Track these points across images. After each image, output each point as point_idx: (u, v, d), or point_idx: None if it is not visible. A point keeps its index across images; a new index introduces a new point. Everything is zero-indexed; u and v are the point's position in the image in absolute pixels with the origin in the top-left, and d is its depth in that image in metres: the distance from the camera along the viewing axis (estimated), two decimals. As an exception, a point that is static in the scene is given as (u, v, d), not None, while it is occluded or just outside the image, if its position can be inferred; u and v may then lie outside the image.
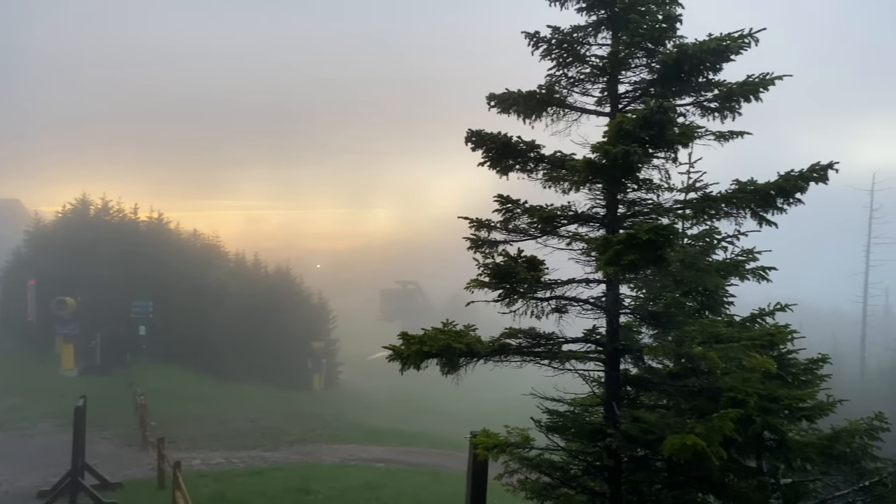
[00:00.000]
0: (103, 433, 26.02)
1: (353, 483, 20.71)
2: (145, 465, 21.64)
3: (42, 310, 40.69)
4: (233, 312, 45.54)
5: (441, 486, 21.20)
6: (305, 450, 26.86)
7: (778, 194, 6.93)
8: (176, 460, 16.04)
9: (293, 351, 48.45)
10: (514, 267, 6.80)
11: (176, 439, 26.05)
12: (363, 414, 40.01)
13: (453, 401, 49.80)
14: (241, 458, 24.19)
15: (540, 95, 7.63)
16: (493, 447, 7.38)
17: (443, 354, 6.91)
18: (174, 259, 46.85)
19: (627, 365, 7.93)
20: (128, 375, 36.93)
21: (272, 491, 19.12)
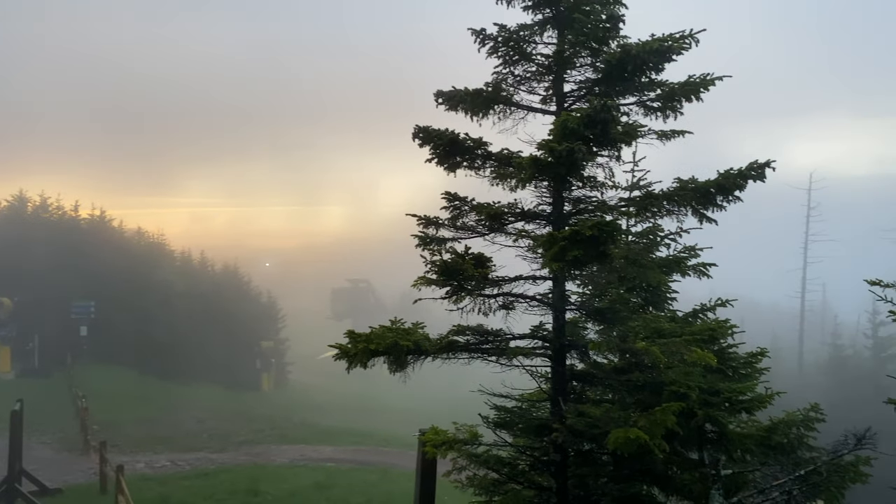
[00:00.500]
0: (42, 438, 25.24)
1: (302, 483, 20.52)
2: (87, 469, 21.05)
3: (-25, 311, 39.16)
4: (179, 312, 44.60)
5: (391, 484, 21.17)
6: (254, 451, 26.50)
7: (718, 192, 7.11)
8: (119, 464, 15.70)
9: (241, 351, 47.75)
10: (461, 264, 6.81)
11: (119, 443, 25.44)
12: (313, 414, 39.67)
13: (404, 399, 49.78)
14: (187, 461, 23.73)
15: (487, 93, 7.67)
16: (441, 444, 7.40)
17: (390, 352, 6.89)
18: (117, 258, 45.62)
19: (573, 360, 8.03)
20: (68, 378, 35.83)
21: (219, 493, 18.81)
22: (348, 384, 56.21)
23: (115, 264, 44.60)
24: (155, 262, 49.03)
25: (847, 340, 52.65)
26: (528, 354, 7.58)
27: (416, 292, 7.50)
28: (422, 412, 43.97)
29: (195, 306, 45.76)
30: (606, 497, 7.98)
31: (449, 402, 45.06)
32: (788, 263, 58.70)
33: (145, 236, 52.89)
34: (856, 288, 10.60)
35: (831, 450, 8.63)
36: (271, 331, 53.96)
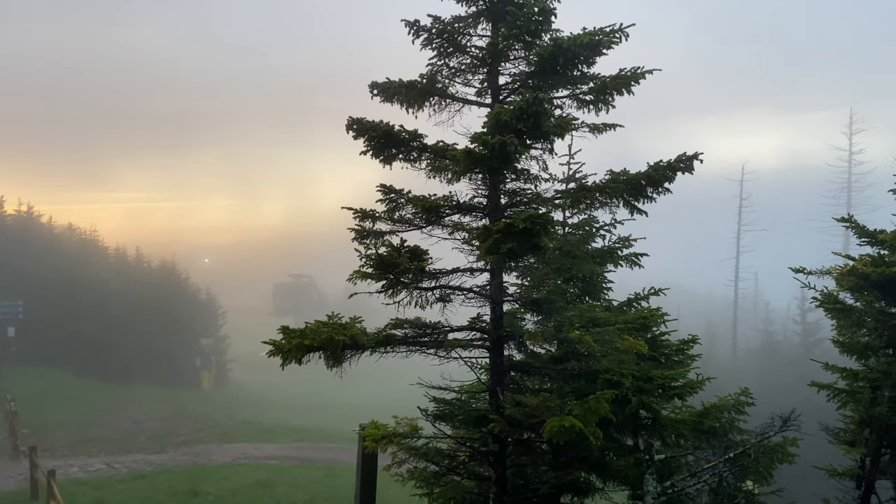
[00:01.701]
0: (-33, 444, 24.22)
1: (244, 482, 20.21)
2: (17, 475, 20.30)
3: None
4: (115, 310, 43.30)
5: (336, 479, 21.06)
6: (194, 451, 25.97)
7: (648, 183, 7.26)
8: (50, 469, 15.19)
9: (180, 349, 46.65)
10: (396, 258, 6.77)
11: (51, 446, 24.62)
12: (255, 412, 39.10)
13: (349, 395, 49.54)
14: (123, 463, 23.10)
15: (422, 85, 7.64)
16: (381, 438, 7.37)
17: (325, 348, 6.81)
18: (46, 255, 43.90)
19: (511, 351, 8.11)
20: (-5, 381, 34.43)
21: (158, 495, 18.39)
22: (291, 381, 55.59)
23: (45, 262, 42.92)
24: (87, 259, 47.36)
25: (778, 327, 54.62)
26: (467, 346, 7.62)
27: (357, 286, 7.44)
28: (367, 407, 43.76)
29: (131, 304, 44.46)
30: (545, 485, 8.10)
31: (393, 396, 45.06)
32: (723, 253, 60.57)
33: (77, 232, 51.01)
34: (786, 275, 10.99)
35: (759, 432, 8.96)
36: (211, 328, 52.86)
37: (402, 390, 42.88)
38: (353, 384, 41.50)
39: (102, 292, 43.74)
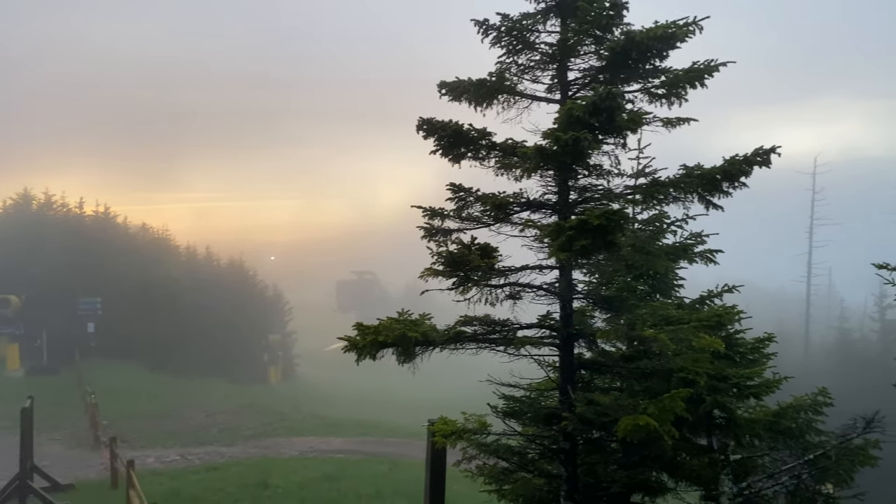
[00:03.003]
0: (53, 434, 25.39)
1: (311, 475, 20.59)
2: (98, 465, 21.20)
3: (-16, 310, 39.38)
4: (186, 307, 44.83)
5: (400, 473, 21.27)
6: (263, 444, 26.63)
7: (723, 178, 7.09)
8: (129, 459, 15.75)
9: (249, 344, 48.00)
10: (467, 255, 6.81)
11: (129, 438, 25.59)
12: (321, 406, 39.84)
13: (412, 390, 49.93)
14: (196, 455, 23.86)
15: (490, 83, 7.64)
16: (450, 434, 7.43)
17: (398, 344, 6.91)
18: (123, 254, 45.82)
19: (581, 349, 8.05)
20: (77, 374, 36.01)
21: (229, 487, 18.89)
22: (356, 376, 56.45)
23: (121, 260, 44.80)
24: (160, 258, 49.22)
25: (854, 324, 52.53)
26: (536, 344, 7.60)
27: (421, 283, 7.53)
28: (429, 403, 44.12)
29: (202, 301, 45.94)
30: (616, 484, 8.02)
31: (456, 392, 45.23)
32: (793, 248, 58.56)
33: (150, 232, 53.06)
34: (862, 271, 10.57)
35: (840, 433, 8.64)
36: (278, 324, 54.17)
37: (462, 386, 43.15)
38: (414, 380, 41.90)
39: (174, 290, 45.34)
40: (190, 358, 42.71)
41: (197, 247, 54.70)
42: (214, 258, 54.01)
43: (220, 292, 48.29)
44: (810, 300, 56.59)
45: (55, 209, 47.20)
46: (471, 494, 11.91)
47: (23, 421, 16.48)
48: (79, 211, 48.13)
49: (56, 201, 47.41)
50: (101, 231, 47.56)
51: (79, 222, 47.21)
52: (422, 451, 24.29)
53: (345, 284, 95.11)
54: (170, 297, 44.49)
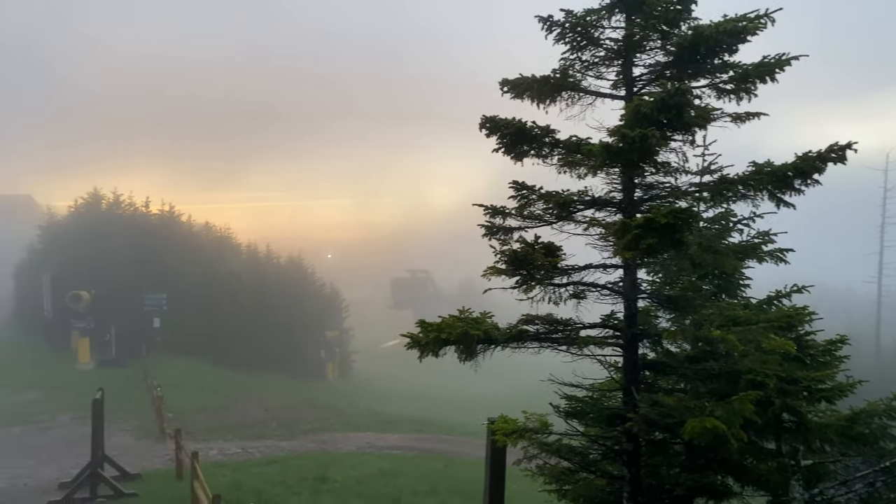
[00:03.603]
0: (121, 425, 26.26)
1: (368, 471, 20.81)
2: (163, 456, 21.84)
3: (57, 304, 41.07)
4: (247, 303, 45.81)
5: (455, 471, 21.31)
6: (321, 438, 27.03)
7: (795, 175, 6.88)
8: (193, 451, 16.14)
9: (307, 340, 48.74)
10: (531, 253, 6.78)
11: (192, 430, 26.26)
12: (377, 402, 40.22)
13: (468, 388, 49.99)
14: (257, 448, 24.36)
15: (554, 80, 7.58)
16: (511, 433, 7.42)
17: (461, 341, 6.92)
18: (187, 251, 47.11)
19: (645, 349, 7.93)
20: (143, 368, 37.23)
21: (289, 480, 19.21)
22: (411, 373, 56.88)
23: (185, 257, 46.07)
24: (223, 255, 50.41)
25: (929, 327, 50.32)
26: (599, 343, 7.52)
27: (476, 282, 7.55)
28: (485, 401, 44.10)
29: (262, 297, 46.89)
30: (680, 487, 7.88)
31: (512, 390, 45.15)
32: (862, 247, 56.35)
33: (213, 230, 54.36)
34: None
35: (919, 441, 8.31)
36: (335, 320, 54.85)
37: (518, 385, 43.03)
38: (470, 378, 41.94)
39: (236, 286, 46.40)
40: (250, 353, 43.66)
41: (257, 245, 55.84)
42: (274, 256, 55.02)
43: (280, 289, 49.18)
44: (882, 301, 54.37)
45: (123, 208, 48.81)
46: (529, 494, 11.87)
47: (94, 412, 17.07)
48: (145, 210, 49.65)
49: (124, 200, 49.05)
50: (167, 229, 48.95)
51: (145, 221, 48.73)
52: (478, 449, 24.33)
53: (399, 282, 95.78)
54: (231, 293, 45.56)
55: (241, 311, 45.09)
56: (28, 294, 45.95)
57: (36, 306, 43.46)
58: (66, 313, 40.47)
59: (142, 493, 17.14)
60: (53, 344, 41.80)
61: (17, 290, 49.51)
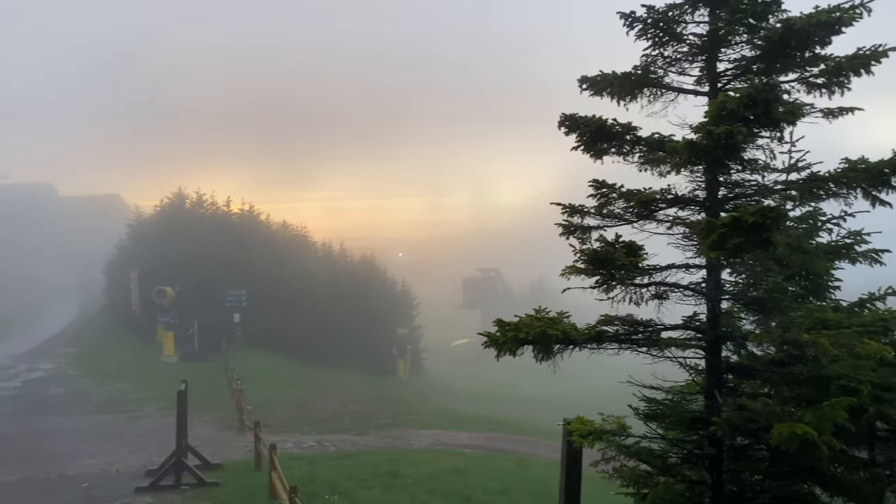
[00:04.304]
0: (203, 416, 27.20)
1: (440, 468, 20.91)
2: (242, 447, 22.50)
3: (144, 299, 42.98)
4: (321, 300, 46.84)
5: (527, 471, 21.22)
6: (393, 434, 27.33)
7: (892, 172, 6.56)
8: (271, 443, 16.58)
9: (379, 337, 49.42)
10: (612, 253, 6.69)
11: (270, 423, 26.94)
12: (447, 400, 40.43)
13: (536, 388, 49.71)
14: (331, 442, 24.83)
15: (636, 76, 7.46)
16: (587, 434, 7.33)
17: (538, 341, 6.89)
18: (265, 250, 48.52)
19: (728, 352, 7.71)
20: (224, 361, 38.50)
21: (362, 474, 19.50)
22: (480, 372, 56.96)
23: (264, 256, 47.48)
24: (299, 253, 51.69)
25: None
26: (681, 346, 7.35)
27: (546, 281, 7.52)
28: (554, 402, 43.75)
29: (336, 295, 47.86)
30: (764, 494, 7.62)
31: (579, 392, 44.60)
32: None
33: (290, 229, 55.82)
34: None
35: None
36: (406, 318, 55.44)
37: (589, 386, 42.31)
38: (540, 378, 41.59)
39: (311, 284, 47.52)
40: (325, 349, 44.63)
41: (332, 243, 57.06)
42: (348, 254, 56.10)
43: (353, 287, 50.08)
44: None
45: (206, 208, 50.74)
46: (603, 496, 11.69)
47: (179, 403, 17.75)
48: (226, 209, 51.49)
49: (206, 200, 51.00)
50: (247, 228, 50.57)
51: (226, 220, 50.47)
52: (548, 449, 24.16)
53: (470, 281, 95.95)
54: (307, 290, 46.67)
55: (316, 307, 46.14)
56: (118, 289, 48.30)
57: (125, 301, 45.64)
58: (152, 308, 42.34)
59: (223, 482, 17.71)
60: (141, 337, 43.81)
61: (108, 285, 52.12)
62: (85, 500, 16.59)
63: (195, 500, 16.42)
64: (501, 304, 77.43)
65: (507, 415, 36.24)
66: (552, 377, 9.16)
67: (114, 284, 50.32)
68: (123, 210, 76.53)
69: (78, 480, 18.48)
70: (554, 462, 21.17)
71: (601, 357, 8.09)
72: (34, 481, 18.50)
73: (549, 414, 37.18)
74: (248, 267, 45.17)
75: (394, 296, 55.94)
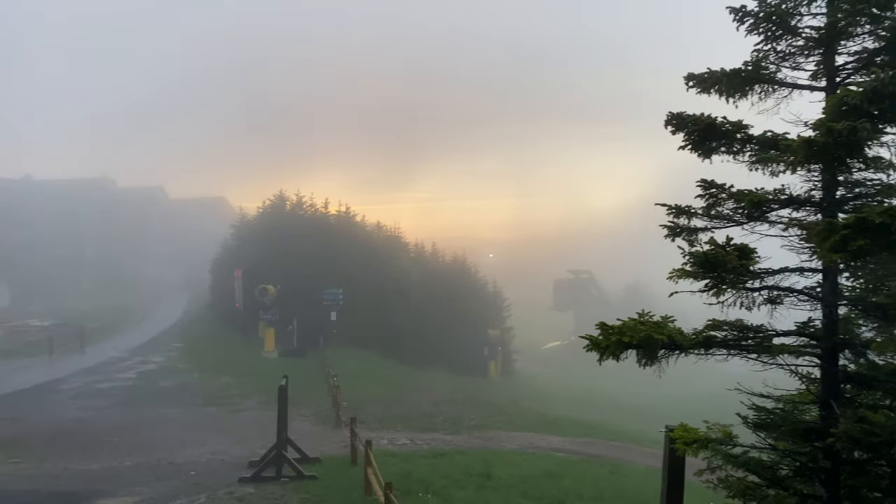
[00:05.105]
0: (301, 411, 27.96)
1: (532, 471, 20.75)
2: (338, 442, 23.00)
3: (247, 297, 44.79)
4: (414, 300, 47.45)
5: (621, 478, 20.76)
6: (485, 435, 27.30)
7: None
8: (367, 439, 16.87)
9: (470, 338, 49.61)
10: (723, 255, 6.46)
11: (365, 419, 27.48)
12: (539, 402, 40.08)
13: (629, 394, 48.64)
14: (424, 440, 25.04)
15: (746, 72, 7.18)
16: (692, 442, 7.11)
17: (643, 346, 6.74)
18: (360, 250, 49.61)
19: (845, 360, 7.30)
20: (321, 358, 39.61)
21: (455, 474, 19.56)
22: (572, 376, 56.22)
23: (359, 256, 48.57)
24: (393, 254, 52.58)
25: None
26: (794, 353, 7.01)
27: (642, 284, 7.34)
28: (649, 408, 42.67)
29: (428, 295, 48.41)
30: (885, 513, 7.16)
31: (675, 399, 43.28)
32: None
33: (384, 230, 56.89)
34: None
35: None
36: (497, 320, 55.43)
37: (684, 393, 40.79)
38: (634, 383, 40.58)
39: (405, 284, 48.23)
40: (417, 348, 45.19)
41: (424, 244, 57.76)
42: (439, 254, 56.63)
43: (445, 287, 50.51)
44: None
45: (305, 209, 52.44)
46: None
47: (280, 397, 18.36)
48: (324, 211, 53.01)
49: (305, 202, 52.74)
50: (343, 229, 51.82)
51: (324, 221, 51.92)
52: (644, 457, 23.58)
53: (562, 283, 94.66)
54: (400, 290, 47.40)
55: (409, 307, 46.79)
56: (223, 287, 50.60)
57: (229, 298, 47.76)
58: (254, 305, 44.10)
59: (320, 475, 18.21)
60: (243, 333, 45.73)
61: (213, 283, 54.71)
62: (193, 488, 17.44)
63: (294, 492, 16.92)
64: (595, 307, 76.07)
65: (601, 420, 35.59)
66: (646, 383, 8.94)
67: (219, 282, 52.73)
68: (228, 212, 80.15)
69: (186, 468, 19.46)
70: (651, 470, 20.68)
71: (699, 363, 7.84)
72: (147, 467, 19.63)
73: (644, 420, 36.26)
74: (344, 267, 46.28)
75: (485, 297, 56.05)
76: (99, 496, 16.88)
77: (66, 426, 25.57)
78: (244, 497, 16.52)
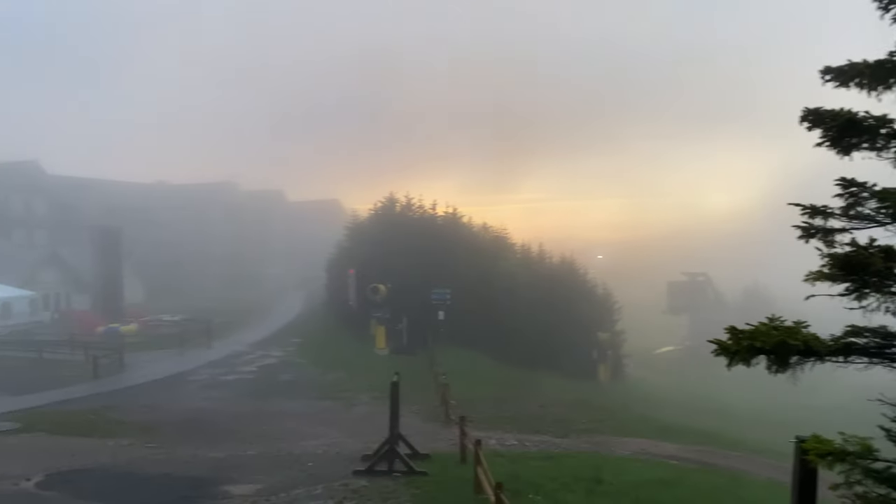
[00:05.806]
0: (410, 408, 28.33)
1: (645, 478, 20.15)
2: (447, 440, 23.20)
3: (360, 296, 46.14)
4: (521, 301, 47.31)
5: (741, 490, 19.85)
6: (594, 440, 26.79)
7: None
8: (476, 438, 16.92)
9: (579, 341, 48.97)
10: (866, 257, 6.08)
11: (472, 418, 27.56)
12: (650, 408, 38.98)
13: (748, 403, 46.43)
14: (532, 442, 24.83)
15: (891, 63, 6.72)
16: (826, 454, 6.72)
17: (775, 352, 6.44)
18: (468, 251, 50.02)
19: None
20: (429, 356, 40.19)
21: (563, 477, 19.29)
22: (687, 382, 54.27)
23: (467, 256, 48.98)
24: (499, 255, 52.67)
25: None
26: (948, 363, 6.50)
27: (762, 288, 6.99)
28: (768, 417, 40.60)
29: (535, 296, 48.13)
30: None
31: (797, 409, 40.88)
32: None
33: (490, 230, 57.09)
34: None
35: None
36: (607, 322, 54.41)
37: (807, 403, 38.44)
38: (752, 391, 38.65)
39: (512, 284, 48.18)
40: (525, 349, 45.01)
41: (531, 245, 57.48)
42: (547, 256, 56.18)
43: (552, 288, 50.06)
44: None
45: (413, 211, 53.47)
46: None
47: (392, 393, 18.74)
48: (432, 212, 53.86)
49: (414, 203, 53.75)
50: (451, 230, 52.44)
51: (432, 222, 52.75)
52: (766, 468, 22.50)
53: (676, 286, 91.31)
54: (507, 291, 47.37)
55: (516, 308, 46.69)
56: (337, 286, 52.37)
57: (343, 297, 49.38)
58: (366, 304, 45.36)
59: (430, 472, 18.45)
60: (356, 330, 47.14)
61: (328, 282, 56.77)
62: (310, 478, 18.12)
63: (406, 487, 17.22)
64: (711, 310, 73.15)
65: (718, 428, 34.19)
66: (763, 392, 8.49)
67: (333, 281, 54.59)
68: (342, 214, 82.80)
69: (304, 459, 20.27)
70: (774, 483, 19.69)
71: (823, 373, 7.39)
72: (267, 457, 20.60)
73: (763, 430, 34.49)
74: (451, 267, 46.78)
75: (594, 299, 55.13)
76: (226, 482, 17.87)
77: (194, 415, 27.30)
78: (358, 490, 16.98)
